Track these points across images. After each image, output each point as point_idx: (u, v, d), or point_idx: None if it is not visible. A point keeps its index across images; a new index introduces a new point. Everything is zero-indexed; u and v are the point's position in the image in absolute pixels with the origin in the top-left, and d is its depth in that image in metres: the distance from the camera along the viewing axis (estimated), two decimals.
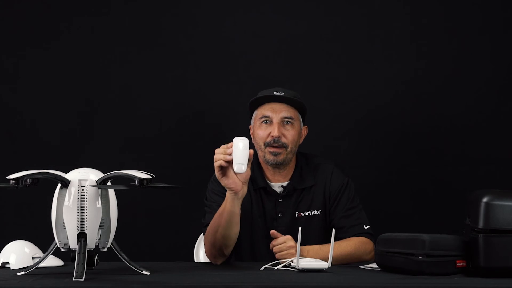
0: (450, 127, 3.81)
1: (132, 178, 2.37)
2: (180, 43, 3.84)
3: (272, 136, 2.98)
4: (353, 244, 2.93)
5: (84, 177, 2.42)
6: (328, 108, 3.80)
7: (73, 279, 2.32)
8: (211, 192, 3.01)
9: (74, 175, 2.43)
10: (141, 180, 2.35)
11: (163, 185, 2.42)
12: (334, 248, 2.58)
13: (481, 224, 2.35)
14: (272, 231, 2.88)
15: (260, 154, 3.03)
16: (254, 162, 3.06)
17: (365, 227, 3.00)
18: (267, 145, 2.99)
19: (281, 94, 3.01)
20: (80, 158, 3.73)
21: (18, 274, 2.45)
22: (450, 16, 3.83)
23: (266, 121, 3.01)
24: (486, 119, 3.80)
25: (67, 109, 3.81)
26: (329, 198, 3.04)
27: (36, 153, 3.78)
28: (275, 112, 3.00)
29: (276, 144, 2.98)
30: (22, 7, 3.83)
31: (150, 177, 2.37)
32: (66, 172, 2.45)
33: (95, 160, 3.37)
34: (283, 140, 2.98)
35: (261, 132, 3.01)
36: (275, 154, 2.99)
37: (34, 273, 2.47)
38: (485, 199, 2.36)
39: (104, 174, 2.44)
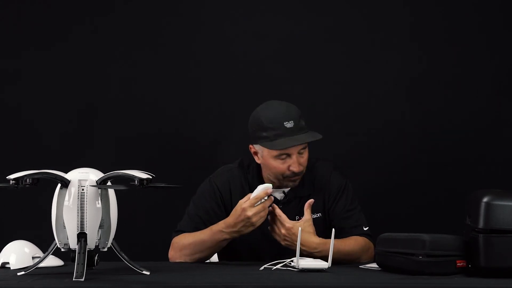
0: (450, 127, 3.80)
1: (132, 178, 2.37)
2: (181, 44, 3.84)
3: (293, 172, 2.91)
4: (355, 243, 2.92)
5: (84, 177, 2.42)
6: (328, 108, 3.79)
7: (73, 279, 2.32)
8: (203, 197, 3.03)
9: (74, 175, 2.43)
10: (141, 180, 2.35)
11: (163, 185, 2.41)
12: (337, 244, 2.57)
13: (481, 224, 2.35)
14: (274, 206, 2.81)
15: (272, 178, 2.96)
16: (255, 172, 3.02)
17: (365, 229, 2.99)
18: (286, 176, 2.94)
19: (299, 137, 2.89)
20: (80, 157, 3.73)
21: (18, 274, 2.45)
22: (450, 16, 3.83)
23: (284, 157, 2.93)
24: (486, 119, 3.80)
25: (68, 109, 3.81)
26: (328, 199, 3.03)
27: (36, 153, 3.78)
28: (293, 147, 2.91)
29: (296, 177, 2.95)
30: (22, 8, 3.83)
31: (150, 177, 2.37)
32: (66, 172, 2.45)
33: (95, 160, 3.37)
34: (301, 169, 2.93)
35: (278, 165, 2.91)
36: (294, 181, 2.96)
37: (34, 273, 2.47)
38: (485, 199, 2.36)
39: (104, 174, 2.44)
